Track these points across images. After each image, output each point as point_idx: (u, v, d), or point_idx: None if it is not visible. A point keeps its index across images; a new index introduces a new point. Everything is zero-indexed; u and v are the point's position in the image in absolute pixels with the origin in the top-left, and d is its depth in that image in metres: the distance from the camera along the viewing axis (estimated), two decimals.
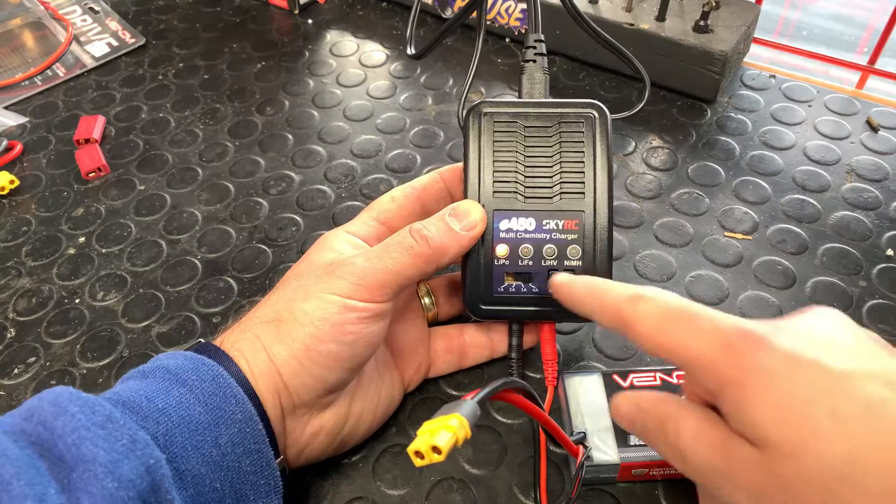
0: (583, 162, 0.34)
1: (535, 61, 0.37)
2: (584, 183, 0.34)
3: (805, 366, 0.22)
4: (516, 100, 0.37)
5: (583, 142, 0.35)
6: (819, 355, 0.22)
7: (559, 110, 0.35)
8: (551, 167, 0.35)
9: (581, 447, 0.32)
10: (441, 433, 0.23)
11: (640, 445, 0.32)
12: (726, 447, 0.24)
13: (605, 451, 0.32)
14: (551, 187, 0.35)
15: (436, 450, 0.23)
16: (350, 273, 0.31)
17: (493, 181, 0.35)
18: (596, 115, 0.35)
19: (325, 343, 0.30)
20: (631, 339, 0.27)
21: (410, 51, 0.44)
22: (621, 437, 0.33)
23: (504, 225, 0.35)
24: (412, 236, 0.32)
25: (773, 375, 0.22)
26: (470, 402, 0.24)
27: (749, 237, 0.45)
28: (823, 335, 0.24)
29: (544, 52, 0.37)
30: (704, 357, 0.24)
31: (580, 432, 0.33)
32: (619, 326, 0.28)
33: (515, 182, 0.35)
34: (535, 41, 0.38)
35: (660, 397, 0.28)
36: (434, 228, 0.32)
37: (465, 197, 0.35)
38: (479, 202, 0.35)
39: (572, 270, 0.34)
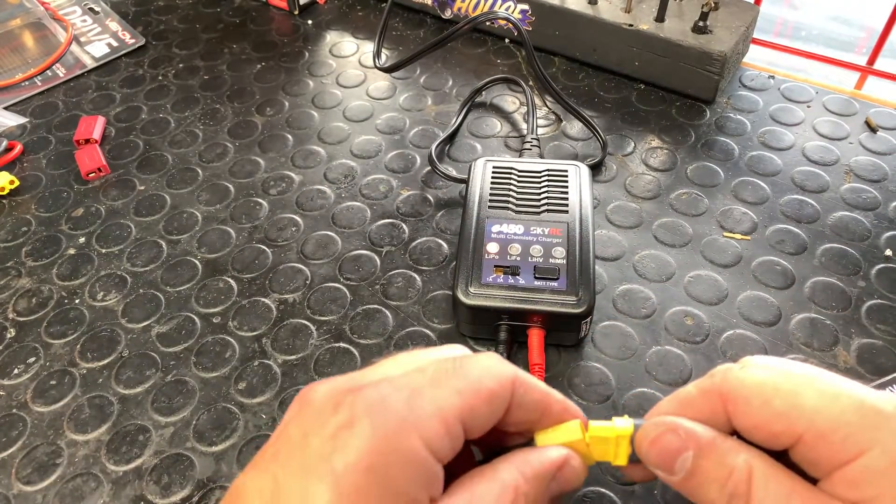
0: (567, 190, 0.42)
1: (530, 150, 0.49)
2: (567, 204, 0.41)
3: None
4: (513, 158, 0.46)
5: (567, 179, 0.43)
6: None
7: (547, 165, 0.44)
8: (539, 193, 0.42)
9: None
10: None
11: None
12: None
13: None
14: (538, 204, 0.41)
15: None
16: None
17: (489, 200, 0.42)
18: (579, 166, 0.44)
19: None
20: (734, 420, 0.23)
21: (378, 63, 0.54)
22: None
23: (496, 228, 0.40)
24: None
25: None
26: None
27: (748, 237, 0.45)
28: None
29: (538, 145, 0.50)
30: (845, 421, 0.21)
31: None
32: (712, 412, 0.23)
33: (507, 201, 0.42)
34: (532, 139, 0.50)
35: (716, 434, 0.23)
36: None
37: (464, 212, 0.41)
38: (475, 215, 0.41)
39: (557, 269, 0.38)
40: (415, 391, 0.21)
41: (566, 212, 0.41)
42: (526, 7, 0.59)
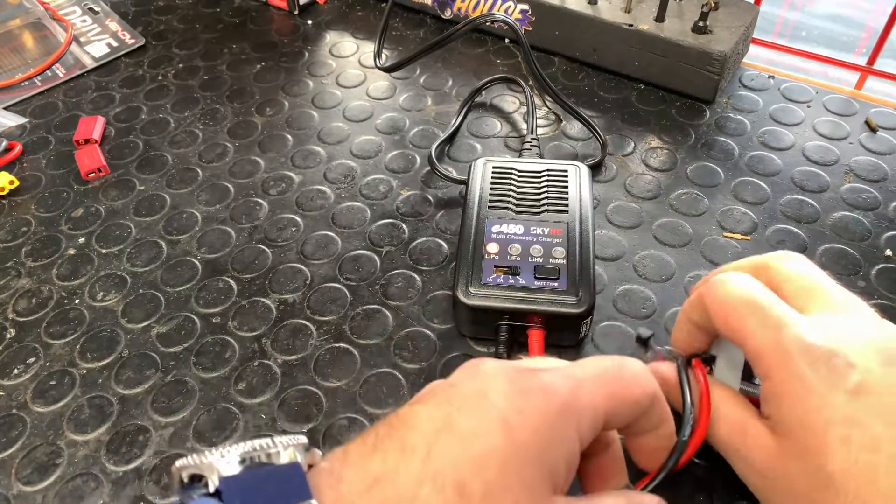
0: (567, 190, 0.42)
1: (530, 150, 0.50)
2: (567, 204, 0.41)
3: (835, 393, 0.25)
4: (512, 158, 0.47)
5: (567, 179, 0.43)
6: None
7: (547, 165, 0.44)
8: (539, 193, 0.42)
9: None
10: None
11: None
12: (746, 430, 0.28)
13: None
14: (538, 204, 0.41)
15: None
16: None
17: (489, 200, 0.42)
18: (579, 166, 0.44)
19: None
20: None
21: (379, 63, 0.54)
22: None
23: (496, 228, 0.40)
24: None
25: (810, 391, 0.26)
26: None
27: (748, 237, 0.45)
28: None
29: (538, 145, 0.50)
30: (763, 349, 0.27)
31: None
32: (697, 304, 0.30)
33: (507, 201, 0.42)
34: (532, 139, 0.50)
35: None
36: None
37: (464, 212, 0.41)
38: (475, 215, 0.41)
39: (557, 269, 0.38)
40: (578, 383, 0.24)
41: (566, 212, 0.41)
42: (526, 7, 0.59)
